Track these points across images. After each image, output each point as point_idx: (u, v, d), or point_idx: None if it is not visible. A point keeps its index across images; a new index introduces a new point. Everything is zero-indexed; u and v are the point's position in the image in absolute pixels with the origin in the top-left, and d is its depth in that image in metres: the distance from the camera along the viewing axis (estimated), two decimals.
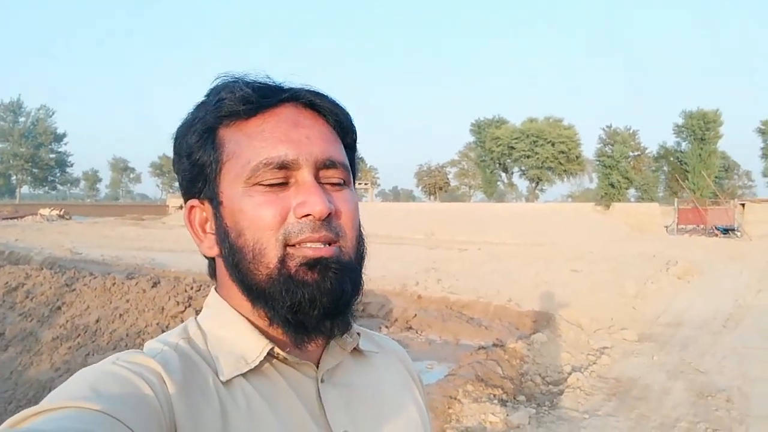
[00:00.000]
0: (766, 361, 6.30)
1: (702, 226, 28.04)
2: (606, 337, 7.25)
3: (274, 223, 0.61)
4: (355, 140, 0.72)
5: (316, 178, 0.64)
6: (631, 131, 57.60)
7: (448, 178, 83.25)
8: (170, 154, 0.72)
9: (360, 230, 0.68)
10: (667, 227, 28.79)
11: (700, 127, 53.19)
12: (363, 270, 0.68)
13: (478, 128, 62.23)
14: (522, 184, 65.40)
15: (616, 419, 4.66)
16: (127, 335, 5.96)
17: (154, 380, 0.56)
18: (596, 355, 6.42)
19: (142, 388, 0.54)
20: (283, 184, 0.63)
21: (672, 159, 55.64)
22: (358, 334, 0.73)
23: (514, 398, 5.09)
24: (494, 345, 6.30)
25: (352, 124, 0.71)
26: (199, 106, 0.67)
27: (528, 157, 57.41)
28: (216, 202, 0.65)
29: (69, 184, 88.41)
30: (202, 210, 0.68)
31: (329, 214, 0.62)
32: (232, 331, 0.65)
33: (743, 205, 30.11)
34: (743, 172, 77.44)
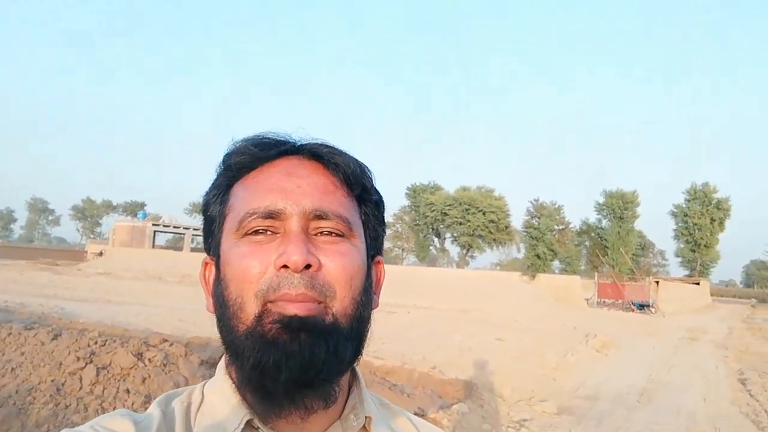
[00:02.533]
0: None
1: (620, 300, 29.28)
2: (526, 408, 7.25)
3: (254, 275, 0.58)
4: (368, 193, 0.67)
5: (306, 229, 0.60)
6: (556, 206, 60.50)
7: None
8: (95, 197, 0.70)
9: (360, 289, 0.61)
10: (587, 300, 29.85)
11: (619, 206, 56.54)
12: (360, 336, 0.61)
13: (414, 193, 63.68)
14: (453, 249, 66.68)
15: None
16: (16, 392, 5.40)
17: None
18: (516, 428, 6.38)
19: None
20: (273, 234, 0.60)
21: (593, 234, 58.57)
22: (367, 417, 0.64)
23: None
24: (415, 414, 6.15)
25: (361, 176, 0.66)
26: (218, 166, 0.68)
27: (460, 224, 58.93)
28: (217, 256, 0.64)
29: None
30: (212, 266, 0.66)
31: (309, 266, 0.57)
32: (219, 397, 0.62)
33: (657, 282, 31.75)
34: (658, 251, 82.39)
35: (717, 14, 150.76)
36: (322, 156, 0.64)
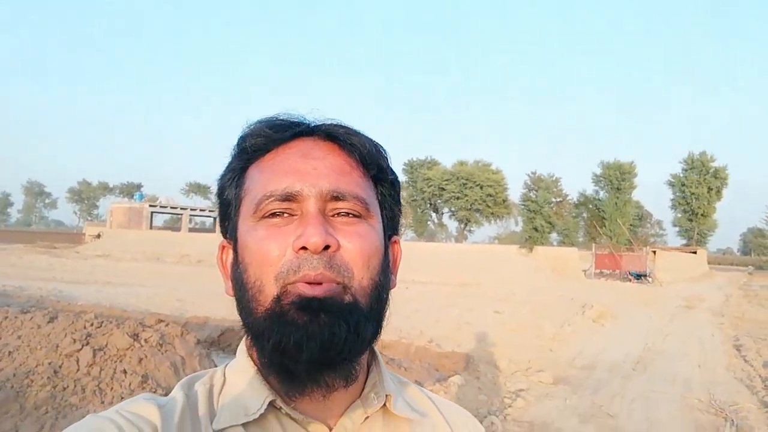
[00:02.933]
0: (671, 404, 6.52)
1: (617, 271, 29.44)
2: (523, 379, 7.31)
3: (273, 258, 0.58)
4: (384, 173, 0.67)
5: (323, 210, 0.60)
6: (554, 178, 60.40)
7: None
8: (91, 179, 0.67)
9: (378, 269, 0.61)
10: (585, 271, 29.99)
11: (617, 178, 56.47)
12: (379, 316, 0.61)
13: (411, 168, 63.54)
14: (451, 224, 66.82)
15: None
16: (14, 375, 5.42)
17: None
18: (512, 398, 6.44)
19: None
20: (289, 216, 0.60)
21: (591, 206, 58.63)
22: (387, 395, 0.64)
23: None
24: None
25: (378, 156, 0.65)
26: (233, 148, 0.68)
27: (458, 198, 58.94)
28: (235, 239, 0.64)
29: None
30: (229, 249, 0.66)
31: (328, 246, 0.57)
32: (242, 378, 0.62)
33: (654, 252, 31.89)
34: (655, 221, 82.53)
35: None
36: (337, 136, 0.64)
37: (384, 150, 0.67)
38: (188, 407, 0.60)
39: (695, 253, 45.43)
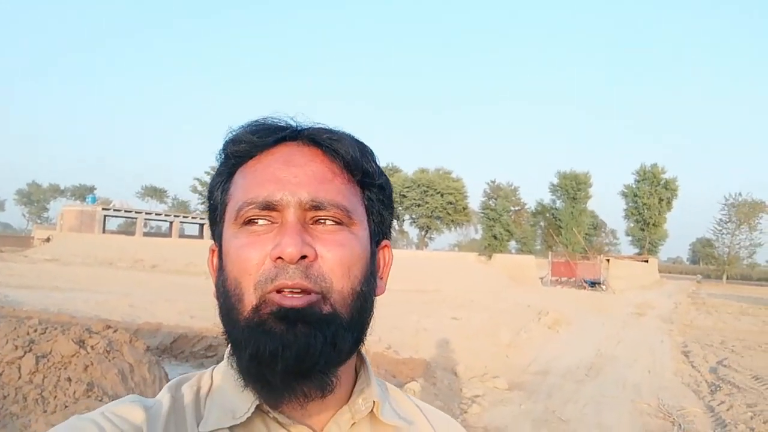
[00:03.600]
0: (621, 408, 6.67)
1: (572, 278, 30.09)
2: (479, 385, 7.36)
3: (253, 266, 0.58)
4: (371, 177, 0.65)
5: (303, 219, 0.59)
6: (512, 187, 61.47)
7: None
8: (41, 181, 0.62)
9: (360, 278, 0.61)
10: (542, 278, 30.55)
11: (573, 187, 57.86)
12: (361, 325, 0.61)
13: None
14: (412, 231, 67.14)
15: None
16: None
17: None
18: (468, 404, 6.47)
19: None
20: (271, 224, 0.59)
21: (548, 215, 59.87)
22: (375, 401, 0.64)
23: None
24: None
25: (363, 160, 0.64)
26: (219, 153, 0.67)
27: (419, 205, 59.32)
28: (219, 244, 0.64)
29: None
30: (216, 253, 0.66)
31: (305, 257, 0.57)
32: (228, 382, 0.62)
33: (608, 260, 32.73)
34: (609, 230, 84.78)
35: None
36: (320, 142, 0.63)
37: (371, 153, 0.66)
38: (174, 409, 0.61)
39: (647, 261, 46.83)
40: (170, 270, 26.53)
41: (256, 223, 0.60)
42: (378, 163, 0.67)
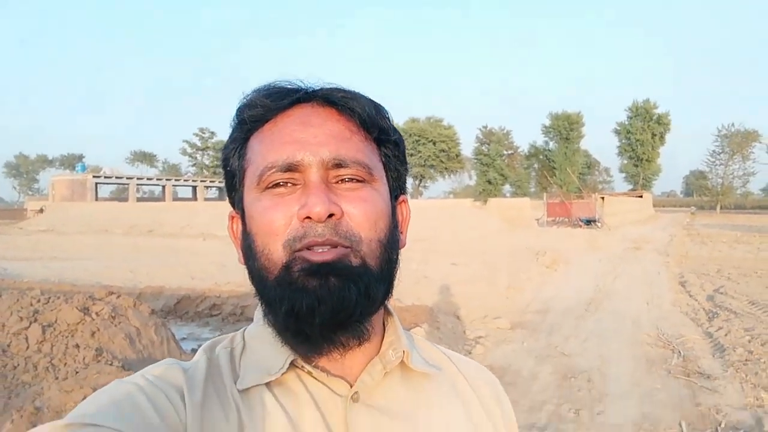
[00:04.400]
0: (621, 341, 6.81)
1: (568, 218, 30.28)
2: (481, 326, 7.49)
3: (279, 228, 0.59)
4: (386, 133, 0.66)
5: (326, 178, 0.60)
6: (505, 131, 61.06)
7: None
8: (28, 152, 0.60)
9: (385, 231, 0.62)
10: (537, 220, 30.75)
11: (565, 128, 57.56)
12: (390, 276, 0.63)
13: None
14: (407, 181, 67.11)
15: None
16: None
17: (176, 398, 0.57)
18: (471, 345, 6.59)
19: (163, 406, 0.56)
20: (292, 186, 0.60)
21: (541, 157, 59.74)
22: (405, 351, 0.66)
23: None
24: None
25: (378, 117, 0.65)
26: (233, 119, 0.67)
27: (411, 155, 58.89)
28: (242, 210, 0.65)
29: None
30: (238, 220, 0.67)
31: (332, 215, 0.58)
32: (261, 342, 0.64)
33: (603, 198, 32.89)
34: (603, 168, 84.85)
35: None
36: (336, 101, 0.63)
37: (385, 110, 0.67)
38: (211, 370, 0.63)
39: (641, 197, 47.12)
40: (167, 234, 26.53)
41: (279, 185, 0.60)
42: (392, 119, 0.68)
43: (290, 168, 0.60)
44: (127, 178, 50.72)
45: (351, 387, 0.62)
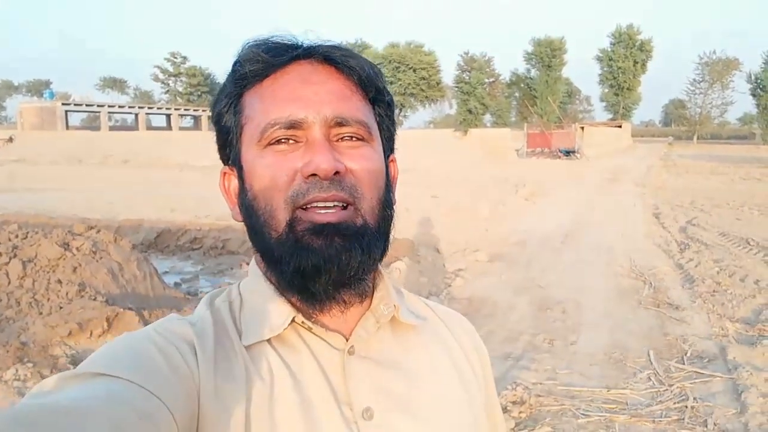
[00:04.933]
0: (596, 273, 7.03)
1: (548, 149, 30.40)
2: (461, 259, 7.64)
3: (282, 184, 0.60)
4: (381, 94, 0.67)
5: (328, 136, 0.61)
6: (486, 58, 59.94)
7: None
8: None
9: (383, 189, 0.64)
10: (517, 151, 30.82)
11: (548, 54, 56.69)
12: (387, 233, 0.65)
13: None
14: None
15: None
16: None
17: (188, 352, 0.59)
18: (451, 278, 6.75)
19: (176, 361, 0.57)
20: (294, 143, 0.61)
21: (523, 86, 59.08)
22: (395, 305, 0.68)
23: None
24: None
25: (375, 78, 0.66)
26: (228, 74, 0.67)
27: (391, 83, 57.39)
28: (239, 167, 0.65)
29: None
30: (232, 176, 0.67)
31: (337, 172, 0.59)
32: (261, 297, 0.65)
33: (582, 128, 32.97)
34: (584, 97, 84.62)
35: None
36: (335, 60, 0.64)
37: (380, 71, 0.68)
38: (217, 325, 0.64)
39: (620, 127, 47.29)
40: (142, 164, 26.07)
41: (281, 142, 0.61)
42: (385, 80, 0.69)
43: (293, 125, 0.60)
44: (98, 106, 49.19)
45: (347, 341, 0.64)
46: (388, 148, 0.71)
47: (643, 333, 4.97)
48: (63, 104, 45.32)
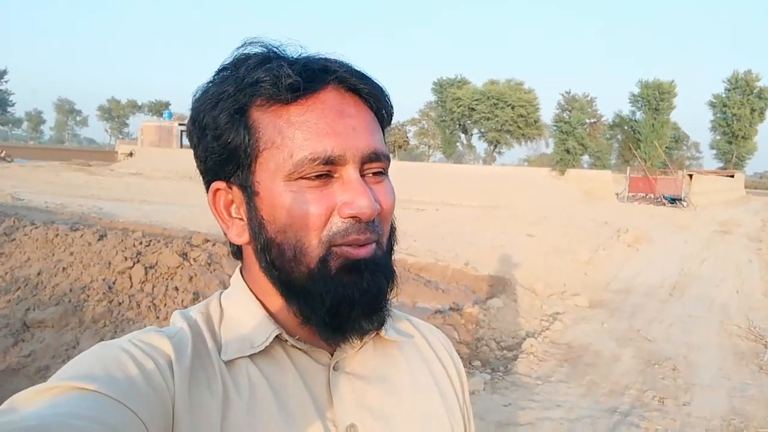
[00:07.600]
0: (709, 329, 6.54)
1: (651, 194, 28.92)
2: (558, 302, 7.38)
3: (318, 221, 0.59)
4: (390, 122, 0.69)
5: (360, 173, 0.61)
6: (588, 98, 58.45)
7: (407, 137, 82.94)
8: (119, 97, 0.60)
9: (391, 220, 0.66)
10: (618, 194, 29.54)
11: (655, 98, 54.36)
12: (392, 260, 0.66)
13: (440, 87, 61.99)
14: (480, 146, 65.89)
15: (568, 385, 4.75)
16: (71, 290, 5.66)
17: (164, 365, 0.57)
18: (549, 321, 6.53)
19: (151, 372, 0.55)
20: (327, 177, 0.60)
21: (626, 127, 56.90)
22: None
23: (470, 363, 5.12)
24: (451, 309, 6.32)
25: (391, 108, 0.67)
26: (227, 79, 0.61)
27: (488, 119, 57.61)
28: (250, 191, 0.62)
29: (10, 125, 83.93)
30: (228, 193, 0.64)
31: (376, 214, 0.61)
32: (245, 313, 0.64)
33: (691, 176, 31.13)
34: (692, 143, 79.99)
35: None
36: (359, 90, 0.63)
37: (389, 95, 0.68)
38: (195, 338, 0.63)
39: (732, 176, 44.24)
40: None
41: (313, 177, 0.59)
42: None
43: (330, 161, 0.59)
44: None
45: (331, 357, 0.65)
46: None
47: (766, 401, 4.55)
48: (179, 124, 48.83)
